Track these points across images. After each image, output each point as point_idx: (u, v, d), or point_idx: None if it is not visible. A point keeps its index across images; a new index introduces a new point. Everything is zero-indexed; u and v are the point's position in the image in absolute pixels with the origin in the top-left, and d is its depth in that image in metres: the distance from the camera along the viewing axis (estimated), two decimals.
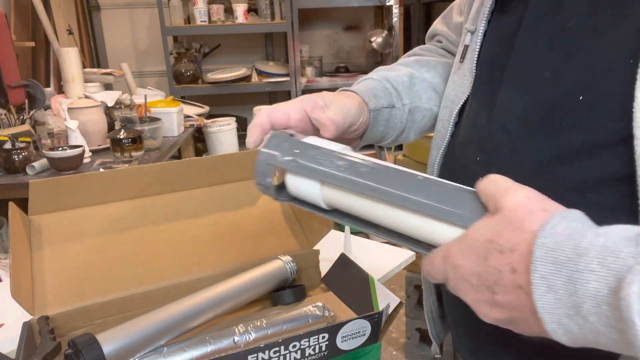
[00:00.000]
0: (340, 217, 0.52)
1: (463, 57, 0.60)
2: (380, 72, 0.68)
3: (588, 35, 0.45)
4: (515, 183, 0.38)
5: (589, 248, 0.31)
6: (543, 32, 0.48)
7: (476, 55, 0.57)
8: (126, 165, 1.78)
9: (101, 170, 1.70)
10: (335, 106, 0.57)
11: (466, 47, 0.59)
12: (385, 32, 3.40)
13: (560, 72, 0.46)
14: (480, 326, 0.41)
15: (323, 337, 0.66)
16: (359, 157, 0.49)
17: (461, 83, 0.60)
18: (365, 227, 0.50)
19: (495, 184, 0.38)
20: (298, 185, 0.51)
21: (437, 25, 0.78)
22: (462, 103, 0.60)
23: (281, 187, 0.53)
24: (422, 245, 0.46)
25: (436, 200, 0.42)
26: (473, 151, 0.56)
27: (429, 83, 0.69)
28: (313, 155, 0.49)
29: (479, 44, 0.57)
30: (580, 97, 0.44)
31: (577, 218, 0.34)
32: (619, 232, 0.31)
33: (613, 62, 0.42)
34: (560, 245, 0.32)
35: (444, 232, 0.42)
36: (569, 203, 0.36)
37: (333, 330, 0.66)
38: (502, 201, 0.37)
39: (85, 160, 1.81)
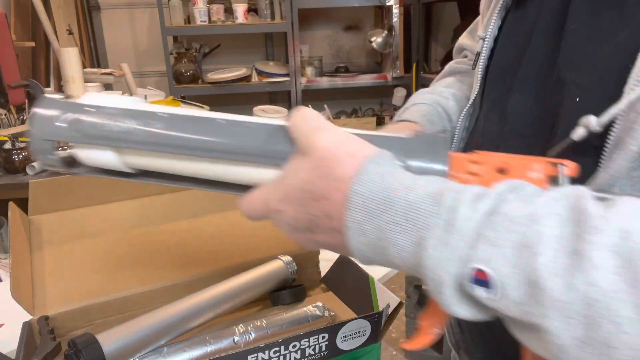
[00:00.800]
0: (149, 178, 0.47)
1: (475, 63, 0.61)
2: (429, 96, 0.68)
3: (589, 39, 0.44)
4: (323, 121, 0.39)
5: (398, 201, 0.33)
6: (550, 36, 0.48)
7: (485, 61, 0.58)
8: None
9: None
10: None
11: (478, 54, 0.60)
12: (385, 32, 3.40)
13: (565, 78, 0.46)
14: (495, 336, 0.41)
15: (323, 337, 0.66)
16: (150, 108, 0.44)
17: (470, 89, 0.62)
18: (180, 182, 0.46)
19: (305, 121, 0.39)
20: (90, 155, 0.45)
21: (463, 39, 0.79)
22: (467, 107, 0.62)
23: (72, 159, 0.46)
24: (239, 188, 0.45)
25: (241, 142, 0.41)
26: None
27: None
28: (95, 122, 0.42)
29: (486, 49, 0.58)
30: (577, 99, 0.44)
31: (387, 161, 0.36)
32: (425, 187, 0.33)
33: (612, 67, 0.42)
34: (373, 194, 0.34)
35: (258, 173, 0.42)
36: None
37: (333, 330, 0.66)
38: (310, 144, 0.38)
39: None
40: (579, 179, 0.36)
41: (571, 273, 0.27)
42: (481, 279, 0.30)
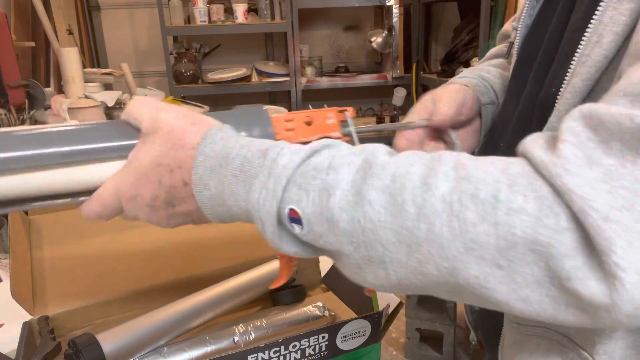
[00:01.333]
0: None
1: (508, 53, 0.62)
2: (475, 72, 0.68)
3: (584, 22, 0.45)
4: (160, 102, 0.43)
5: (235, 157, 0.38)
6: (560, 27, 0.49)
7: (516, 51, 0.59)
8: None
9: None
10: (446, 100, 0.59)
11: (511, 44, 0.60)
12: (385, 32, 3.40)
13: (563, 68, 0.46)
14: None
15: (323, 337, 0.66)
16: None
17: (505, 78, 0.63)
18: (19, 205, 0.44)
19: (145, 105, 0.42)
20: None
21: (508, 26, 0.79)
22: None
23: None
24: (79, 195, 0.44)
25: (79, 143, 0.41)
26: (497, 137, 0.58)
27: None
28: None
29: (518, 40, 0.58)
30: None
31: (227, 129, 0.42)
32: (257, 146, 0.39)
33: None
34: (215, 153, 0.39)
35: (102, 170, 0.42)
36: None
37: (333, 330, 0.66)
38: (157, 122, 0.41)
39: None
40: None
41: (354, 208, 0.34)
42: (295, 218, 0.36)
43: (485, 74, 0.67)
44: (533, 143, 0.32)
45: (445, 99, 0.58)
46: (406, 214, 0.32)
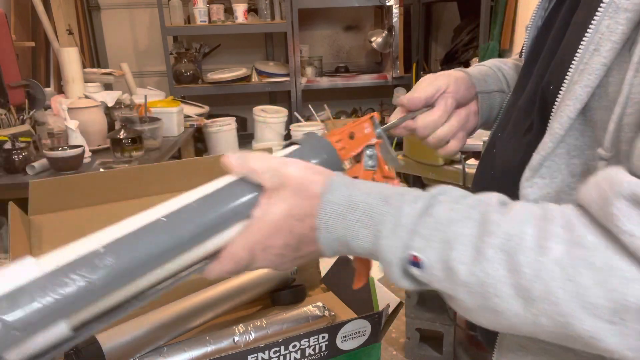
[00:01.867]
0: (91, 328, 0.41)
1: (522, 52, 0.63)
2: (493, 61, 0.71)
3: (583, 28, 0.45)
4: (277, 157, 0.47)
5: (360, 204, 0.42)
6: (562, 29, 0.49)
7: (525, 50, 0.60)
8: (126, 165, 1.78)
9: (101, 170, 1.70)
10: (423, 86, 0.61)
11: (524, 43, 0.61)
12: (385, 32, 3.40)
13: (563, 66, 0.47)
14: None
15: (323, 337, 0.66)
16: (79, 249, 0.40)
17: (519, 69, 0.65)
18: (130, 305, 0.42)
19: (264, 161, 0.45)
20: (30, 345, 0.36)
21: None
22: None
23: None
24: (204, 261, 0.44)
25: (205, 223, 0.42)
26: (500, 127, 0.60)
27: None
28: (30, 309, 0.35)
29: (527, 39, 0.59)
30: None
31: (344, 175, 0.46)
32: (378, 193, 0.42)
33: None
34: (341, 200, 0.43)
35: (228, 235, 0.43)
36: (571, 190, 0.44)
37: (333, 330, 0.66)
38: (283, 177, 0.44)
39: (85, 160, 1.81)
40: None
41: (473, 263, 0.37)
42: (416, 262, 0.40)
43: (502, 65, 0.70)
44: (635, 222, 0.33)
45: (420, 87, 0.61)
46: (523, 274, 0.35)
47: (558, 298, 0.34)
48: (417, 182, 2.56)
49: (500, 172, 0.55)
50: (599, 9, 0.39)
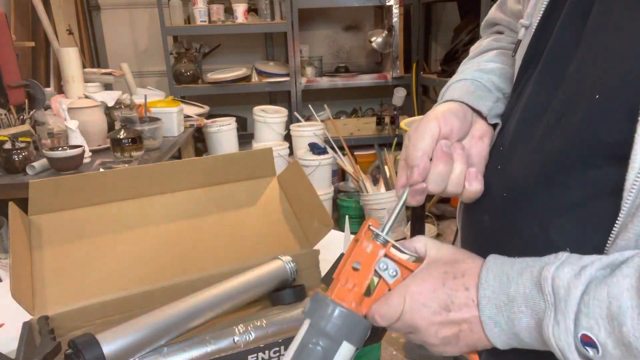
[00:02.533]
0: None
1: (515, 51, 0.59)
2: (473, 72, 0.64)
3: (606, 32, 0.44)
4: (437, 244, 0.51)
5: (516, 296, 0.43)
6: (573, 28, 0.48)
7: (525, 51, 0.57)
8: (126, 165, 1.78)
9: (101, 170, 1.70)
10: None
11: (519, 42, 0.58)
12: (385, 32, 3.40)
13: (581, 70, 0.45)
14: None
15: None
16: None
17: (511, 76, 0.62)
18: None
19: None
20: None
21: (495, 14, 0.74)
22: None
23: None
24: None
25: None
26: (499, 138, 0.57)
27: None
28: None
29: (529, 39, 0.56)
30: (597, 96, 0.43)
31: (499, 262, 0.47)
32: (529, 280, 0.43)
33: (625, 60, 0.41)
34: (497, 294, 0.45)
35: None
36: (566, 212, 0.45)
37: None
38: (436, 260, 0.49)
39: (85, 160, 1.81)
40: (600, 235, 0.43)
41: None
42: (588, 342, 0.39)
43: (487, 74, 0.64)
44: None
45: (413, 142, 0.55)
46: None
47: None
48: None
49: (513, 190, 0.52)
50: None
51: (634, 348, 0.37)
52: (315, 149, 2.91)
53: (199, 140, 3.14)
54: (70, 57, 2.24)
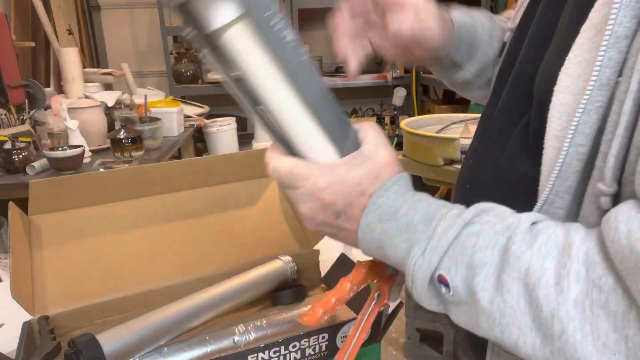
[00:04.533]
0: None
1: (500, 54, 0.61)
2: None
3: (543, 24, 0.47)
4: (385, 141, 0.48)
5: (403, 217, 0.43)
6: (546, 26, 0.49)
7: (504, 53, 0.58)
8: (126, 165, 1.78)
9: (101, 170, 1.70)
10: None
11: (504, 44, 0.60)
12: None
13: (547, 67, 0.47)
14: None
15: (323, 337, 0.66)
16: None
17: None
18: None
19: (378, 134, 0.48)
20: (246, 49, 0.41)
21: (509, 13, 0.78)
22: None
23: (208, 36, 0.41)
24: (286, 147, 0.47)
25: (336, 117, 0.45)
26: (477, 137, 0.59)
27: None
28: (280, 22, 0.41)
29: (511, 40, 0.57)
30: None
31: (404, 182, 0.46)
32: (422, 212, 0.43)
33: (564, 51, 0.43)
34: (386, 207, 0.44)
35: (319, 148, 0.46)
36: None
37: (333, 330, 0.66)
38: (377, 152, 0.46)
39: (85, 160, 1.81)
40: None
41: (494, 293, 0.38)
42: (443, 282, 0.41)
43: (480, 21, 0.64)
44: None
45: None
46: (541, 312, 0.36)
47: (575, 339, 0.35)
48: (417, 182, 2.56)
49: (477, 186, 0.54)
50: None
51: (477, 299, 0.38)
52: None
53: (199, 140, 3.14)
54: (70, 57, 2.24)
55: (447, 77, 0.68)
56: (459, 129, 1.82)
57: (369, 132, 0.48)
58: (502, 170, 0.51)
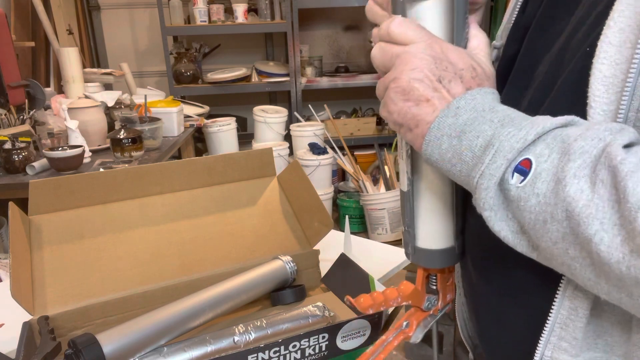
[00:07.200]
0: None
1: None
2: None
3: (539, 33, 0.47)
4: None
5: (500, 111, 0.40)
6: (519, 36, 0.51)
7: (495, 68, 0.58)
8: (126, 165, 1.78)
9: (101, 170, 1.70)
10: None
11: (493, 63, 0.60)
12: None
13: (532, 73, 0.48)
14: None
15: (323, 337, 0.66)
16: None
17: None
18: None
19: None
20: None
21: None
22: None
23: None
24: None
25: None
26: None
27: None
28: None
29: (496, 59, 0.57)
30: (550, 95, 0.44)
31: (489, 95, 0.43)
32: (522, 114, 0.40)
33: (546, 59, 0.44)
34: (482, 102, 0.41)
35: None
36: None
37: (333, 330, 0.66)
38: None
39: (85, 160, 1.81)
40: None
41: (585, 181, 0.34)
42: (523, 168, 0.37)
43: None
44: None
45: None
46: (627, 203, 0.32)
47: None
48: None
49: None
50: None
51: (562, 185, 0.35)
52: (315, 149, 2.91)
53: (199, 140, 3.14)
54: (70, 57, 2.24)
55: None
56: None
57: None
58: None
